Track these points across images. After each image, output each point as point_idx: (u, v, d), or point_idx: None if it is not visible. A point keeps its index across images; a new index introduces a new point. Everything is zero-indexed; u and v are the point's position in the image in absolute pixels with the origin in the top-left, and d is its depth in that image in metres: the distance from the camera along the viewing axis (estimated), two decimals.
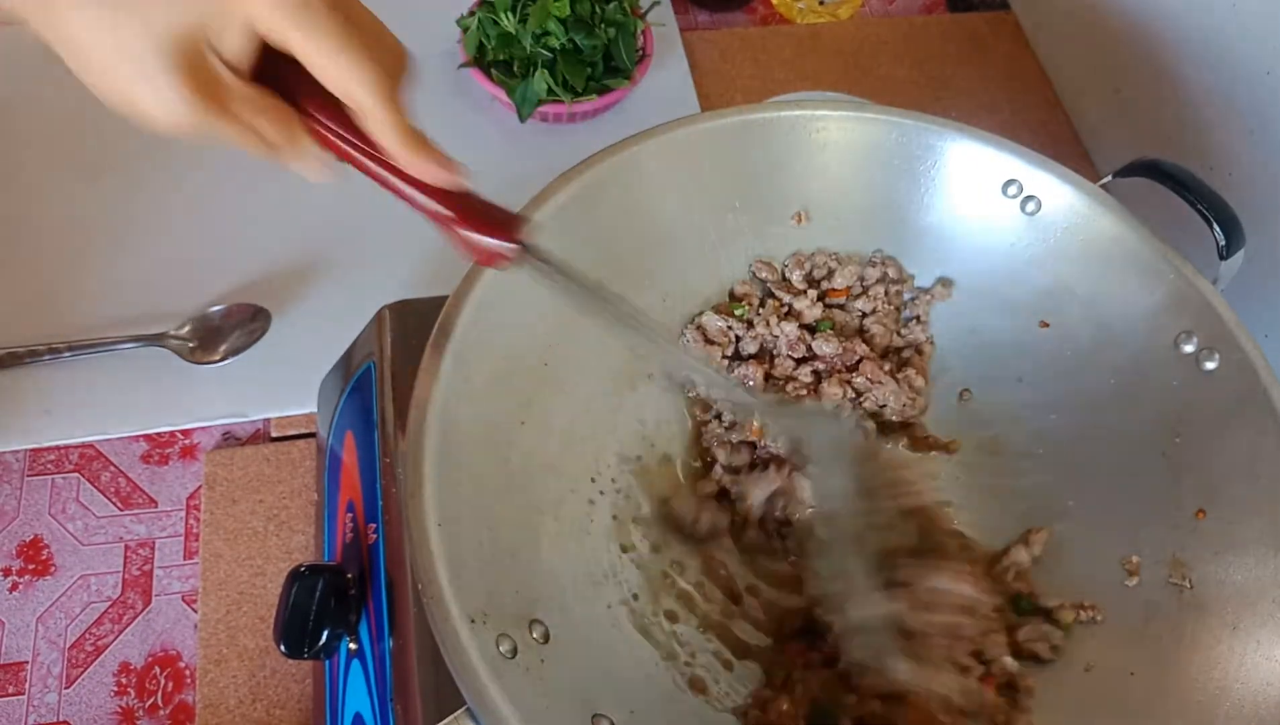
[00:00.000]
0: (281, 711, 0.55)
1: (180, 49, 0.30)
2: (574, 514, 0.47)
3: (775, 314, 0.54)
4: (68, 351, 0.62)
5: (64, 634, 0.57)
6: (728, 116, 0.51)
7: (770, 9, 0.92)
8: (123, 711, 0.56)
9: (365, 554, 0.48)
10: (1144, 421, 0.49)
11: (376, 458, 0.49)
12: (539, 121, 0.76)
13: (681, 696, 0.44)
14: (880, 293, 0.55)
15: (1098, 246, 0.50)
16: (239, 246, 0.70)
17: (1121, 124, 0.79)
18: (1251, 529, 0.44)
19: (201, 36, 0.30)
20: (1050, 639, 0.47)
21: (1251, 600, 0.42)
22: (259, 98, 0.33)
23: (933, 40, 0.89)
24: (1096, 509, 0.50)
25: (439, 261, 0.69)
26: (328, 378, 0.59)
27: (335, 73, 0.32)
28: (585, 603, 0.44)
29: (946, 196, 0.53)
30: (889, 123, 0.52)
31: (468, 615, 0.36)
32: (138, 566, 0.60)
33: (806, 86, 0.84)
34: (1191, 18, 0.70)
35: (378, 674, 0.44)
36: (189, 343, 0.64)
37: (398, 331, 0.52)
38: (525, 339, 0.46)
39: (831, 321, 0.55)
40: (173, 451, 0.64)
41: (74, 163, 0.73)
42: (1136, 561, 0.48)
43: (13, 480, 0.62)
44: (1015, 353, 0.54)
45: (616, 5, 0.74)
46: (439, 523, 0.38)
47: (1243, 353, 0.45)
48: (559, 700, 0.37)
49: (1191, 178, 0.48)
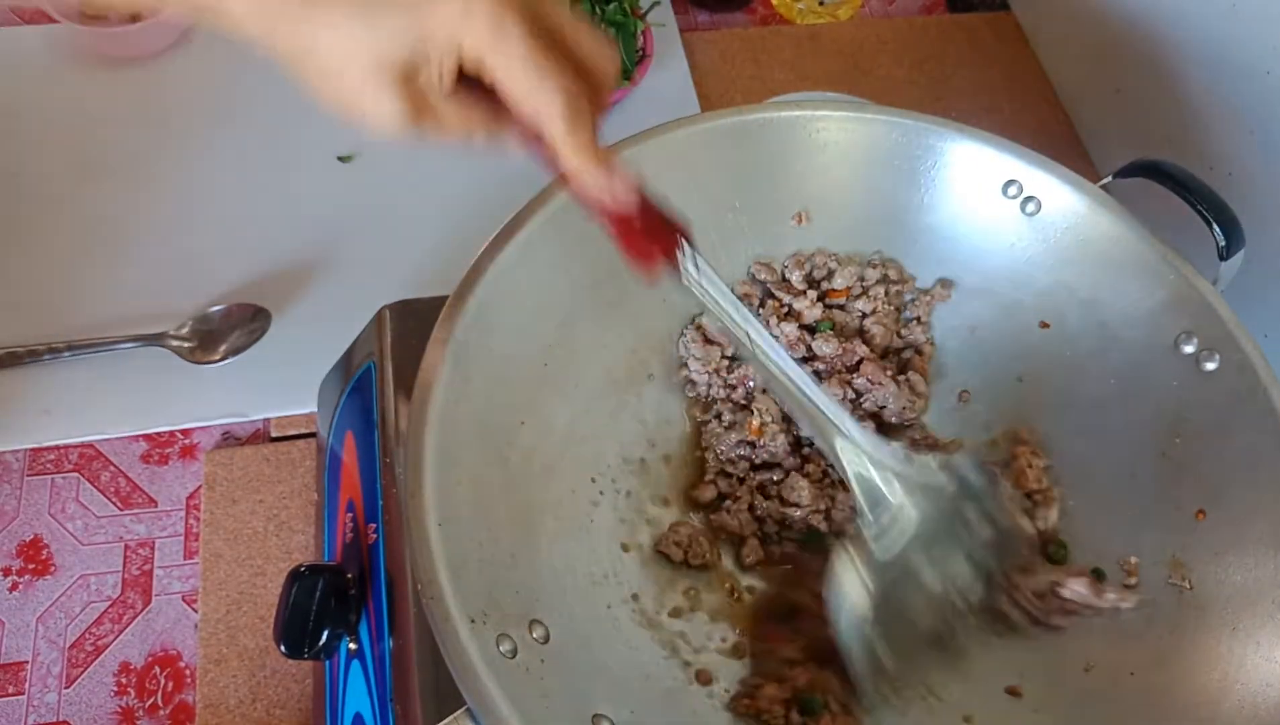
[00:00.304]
0: (281, 711, 0.55)
1: (401, 67, 0.34)
2: (574, 514, 0.47)
3: (775, 315, 0.54)
4: (68, 351, 0.62)
5: (64, 634, 0.57)
6: (727, 117, 0.51)
7: (770, 9, 0.92)
8: (123, 711, 0.56)
9: (365, 554, 0.48)
10: (1144, 422, 0.49)
11: (377, 458, 0.49)
12: None
13: (682, 696, 0.44)
14: (880, 293, 0.55)
15: (1098, 247, 0.50)
16: (239, 246, 0.70)
17: (1121, 124, 0.79)
18: (1252, 530, 0.44)
19: (421, 55, 0.34)
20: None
21: (1251, 601, 0.42)
22: (464, 107, 0.36)
23: (932, 41, 0.89)
24: (1096, 509, 0.50)
25: (439, 261, 0.69)
26: (328, 378, 0.59)
27: (522, 98, 0.35)
28: (585, 603, 0.44)
29: (946, 197, 0.53)
30: (889, 123, 0.52)
31: (468, 615, 0.36)
32: (138, 566, 0.60)
33: (806, 87, 0.84)
34: (1191, 18, 0.70)
35: (378, 674, 0.44)
36: (189, 343, 0.64)
37: (398, 331, 0.52)
38: (525, 339, 0.46)
39: (831, 322, 0.55)
40: (173, 451, 0.64)
41: (74, 163, 0.73)
42: (1135, 562, 0.48)
43: (13, 480, 0.62)
44: (1015, 353, 0.54)
45: (616, 6, 0.74)
46: (439, 523, 0.38)
47: (1243, 353, 0.45)
48: (559, 700, 0.37)
49: (1191, 178, 0.48)
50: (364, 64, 0.34)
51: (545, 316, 0.47)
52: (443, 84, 0.35)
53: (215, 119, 0.76)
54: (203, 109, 0.77)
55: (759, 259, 0.55)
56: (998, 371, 0.55)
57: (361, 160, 0.75)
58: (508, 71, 0.34)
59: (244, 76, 0.79)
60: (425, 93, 0.35)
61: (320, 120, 0.80)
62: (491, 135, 0.38)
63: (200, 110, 0.77)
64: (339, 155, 0.75)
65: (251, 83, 0.78)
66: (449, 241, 0.70)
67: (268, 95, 0.78)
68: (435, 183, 0.73)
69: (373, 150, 0.75)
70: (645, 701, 0.42)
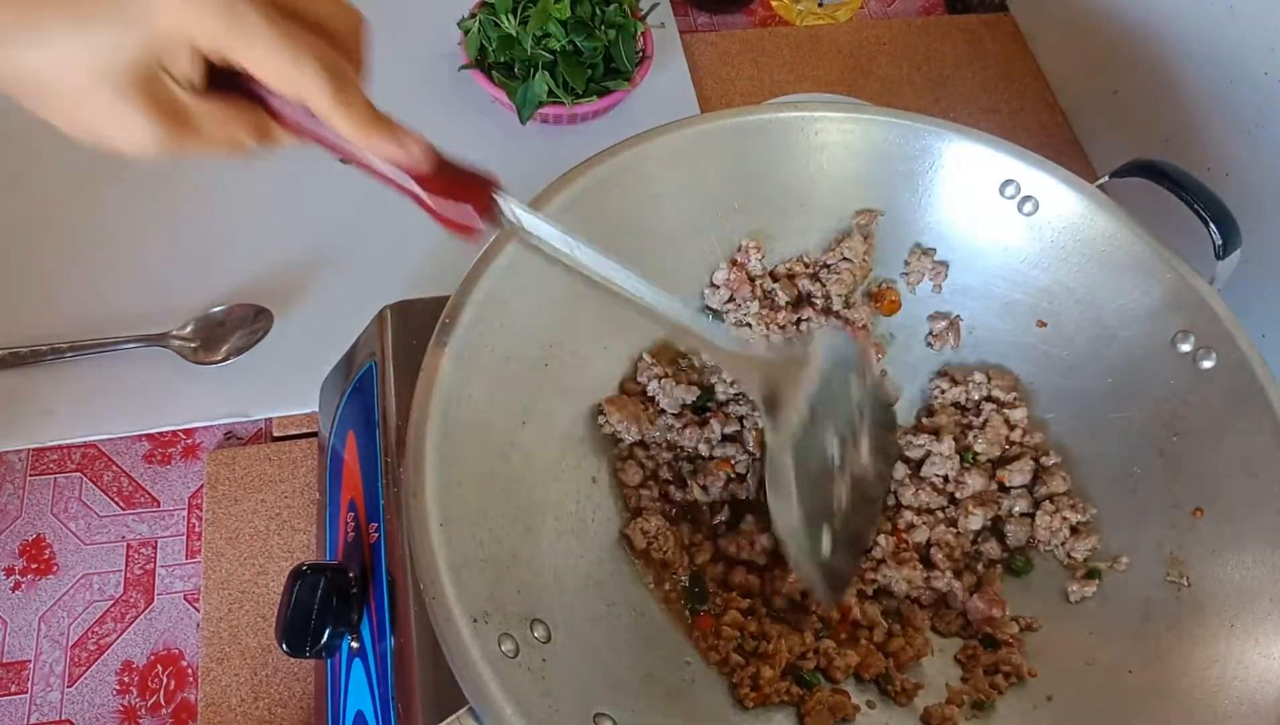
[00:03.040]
0: (283, 710, 0.55)
1: (133, 78, 0.30)
2: (575, 513, 0.47)
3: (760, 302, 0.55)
4: (70, 352, 0.63)
5: (66, 633, 0.58)
6: (727, 118, 0.52)
7: (769, 11, 0.92)
8: (125, 710, 0.56)
9: (367, 553, 0.48)
10: (1141, 420, 0.49)
11: (378, 457, 0.49)
12: (540, 123, 0.77)
13: (684, 695, 0.44)
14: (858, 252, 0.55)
15: (1095, 246, 0.50)
16: (241, 247, 0.70)
17: (1119, 125, 0.79)
18: (1249, 527, 0.44)
19: (153, 62, 0.31)
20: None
21: (1249, 598, 0.43)
22: (222, 109, 0.33)
23: (931, 42, 0.89)
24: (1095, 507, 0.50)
25: (441, 261, 0.69)
26: (329, 378, 0.60)
27: (279, 78, 0.32)
28: (586, 602, 0.44)
29: (944, 197, 0.53)
30: (887, 124, 0.52)
31: (469, 615, 0.36)
32: (140, 565, 0.60)
33: (805, 88, 0.85)
34: (1188, 19, 0.70)
35: (379, 673, 0.44)
36: (191, 343, 0.64)
37: (399, 331, 0.52)
38: (526, 340, 0.47)
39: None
40: (175, 451, 0.64)
41: (77, 163, 0.73)
42: (1126, 563, 0.48)
43: (15, 480, 0.62)
44: (1013, 352, 0.54)
45: (616, 7, 0.74)
46: (441, 523, 0.38)
47: (1240, 352, 0.45)
48: (560, 699, 0.37)
49: (1188, 178, 0.48)
50: (89, 78, 0.30)
51: (545, 317, 0.47)
52: (191, 88, 0.32)
53: None
54: None
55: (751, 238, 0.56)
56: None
57: None
58: (252, 54, 0.31)
59: None
60: (175, 102, 0.32)
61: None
62: (262, 136, 0.35)
63: None
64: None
65: None
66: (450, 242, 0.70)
67: None
68: None
69: None
70: (647, 700, 0.42)
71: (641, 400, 0.52)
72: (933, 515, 0.52)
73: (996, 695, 0.46)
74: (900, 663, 0.47)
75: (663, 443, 0.52)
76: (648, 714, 0.41)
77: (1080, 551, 0.49)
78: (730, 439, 0.52)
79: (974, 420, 0.54)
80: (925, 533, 0.51)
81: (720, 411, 0.53)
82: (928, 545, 0.51)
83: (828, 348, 0.44)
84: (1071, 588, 0.48)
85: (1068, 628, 0.48)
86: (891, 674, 0.46)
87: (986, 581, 0.50)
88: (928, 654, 0.48)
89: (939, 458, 0.52)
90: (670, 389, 0.51)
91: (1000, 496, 0.52)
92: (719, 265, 0.54)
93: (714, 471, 0.51)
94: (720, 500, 0.51)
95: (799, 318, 0.55)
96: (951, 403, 0.55)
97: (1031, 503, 0.51)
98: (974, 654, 0.48)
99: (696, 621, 0.47)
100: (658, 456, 0.51)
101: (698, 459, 0.52)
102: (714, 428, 0.51)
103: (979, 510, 0.51)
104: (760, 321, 0.54)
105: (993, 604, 0.48)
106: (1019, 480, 0.52)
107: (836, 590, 0.45)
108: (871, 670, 0.46)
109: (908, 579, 0.49)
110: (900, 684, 0.46)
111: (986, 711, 0.46)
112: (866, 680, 0.47)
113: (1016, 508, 0.51)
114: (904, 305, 0.56)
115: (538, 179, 0.48)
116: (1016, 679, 0.47)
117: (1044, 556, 0.51)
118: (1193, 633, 0.44)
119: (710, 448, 0.52)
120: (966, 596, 0.49)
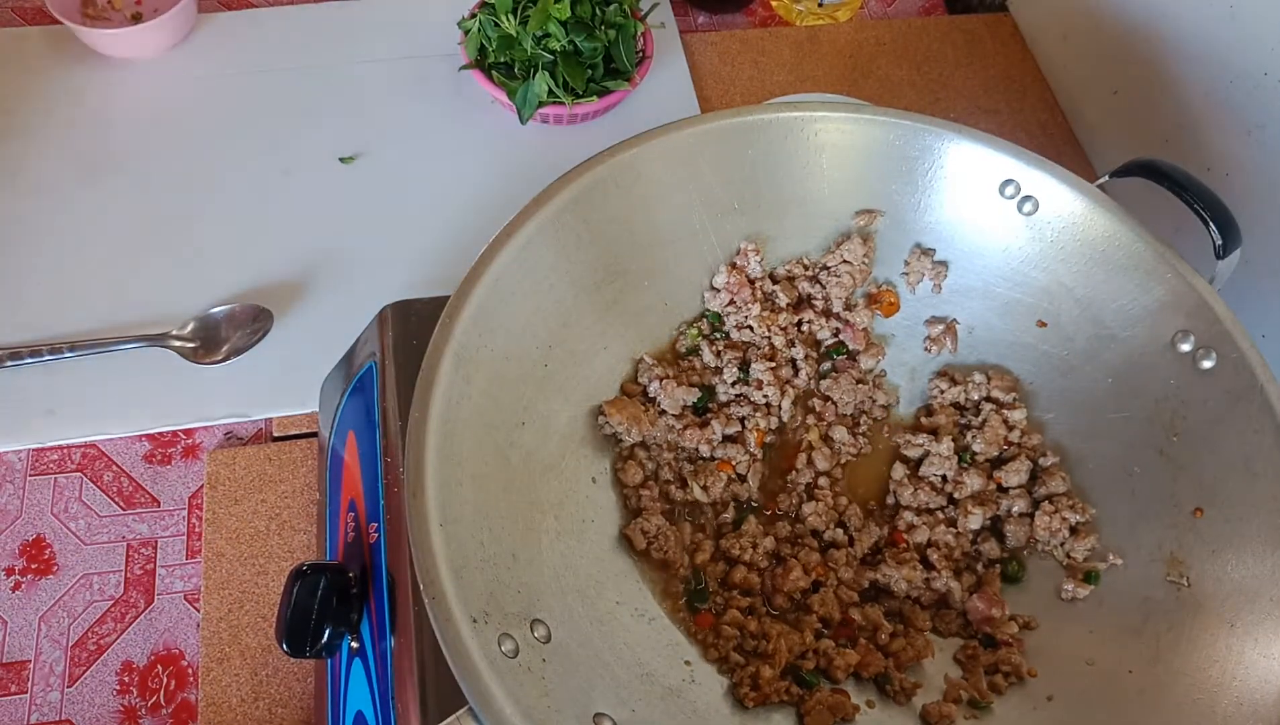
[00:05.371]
0: (283, 710, 0.55)
1: None
2: (575, 514, 0.47)
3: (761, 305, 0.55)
4: (70, 352, 0.63)
5: (66, 633, 0.58)
6: (727, 118, 0.52)
7: (769, 11, 0.92)
8: (125, 710, 0.56)
9: (367, 553, 0.48)
10: (1141, 420, 0.49)
11: (378, 457, 0.49)
12: (540, 123, 0.77)
13: (683, 694, 0.44)
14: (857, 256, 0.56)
15: (1095, 246, 0.50)
16: (241, 248, 0.70)
17: (1119, 125, 0.79)
18: (1249, 527, 0.44)
19: None
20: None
21: (1249, 598, 0.43)
22: None
23: (931, 42, 0.89)
24: (1095, 507, 0.50)
25: (440, 262, 0.69)
26: (329, 378, 0.60)
27: None
28: (586, 602, 0.44)
29: (944, 197, 0.53)
30: (887, 124, 0.52)
31: (469, 615, 0.36)
32: (140, 565, 0.60)
33: (805, 88, 0.85)
34: (1189, 20, 0.70)
35: (379, 673, 0.44)
36: (191, 343, 0.64)
37: (399, 332, 0.52)
38: (526, 340, 0.47)
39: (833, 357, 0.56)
40: (175, 451, 0.64)
41: (77, 164, 0.73)
42: (1126, 563, 0.48)
43: (15, 479, 0.62)
44: (1012, 353, 0.54)
45: (616, 7, 0.74)
46: (441, 523, 0.38)
47: (1239, 351, 0.45)
48: (561, 699, 0.37)
49: (1188, 178, 0.48)
50: None
51: (545, 317, 0.47)
52: None
53: (216, 119, 0.77)
54: (203, 109, 0.77)
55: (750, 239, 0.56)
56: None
57: (363, 161, 0.75)
58: None
59: (245, 77, 0.79)
60: None
61: (322, 121, 0.80)
62: None
63: (201, 110, 0.77)
64: (340, 156, 0.75)
65: (253, 83, 0.79)
66: (449, 242, 0.70)
67: (269, 96, 0.78)
68: (435, 183, 0.74)
69: (374, 152, 0.75)
70: (646, 700, 0.42)
71: (642, 401, 0.52)
72: (932, 515, 0.52)
73: (996, 695, 0.46)
74: (901, 663, 0.47)
75: (663, 443, 0.52)
76: (648, 714, 0.41)
77: (1080, 552, 0.49)
78: (731, 440, 0.52)
79: (973, 420, 0.54)
80: (925, 533, 0.51)
81: (721, 412, 0.53)
82: (927, 545, 0.51)
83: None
84: (1069, 588, 0.49)
85: (1068, 628, 0.48)
86: (891, 674, 0.46)
87: (986, 581, 0.50)
88: (930, 655, 0.48)
89: (937, 458, 0.52)
90: (671, 390, 0.51)
91: (999, 497, 0.52)
92: (719, 267, 0.54)
93: (715, 472, 0.51)
94: (723, 500, 0.51)
95: (800, 320, 0.55)
96: (950, 403, 0.55)
97: (1031, 503, 0.52)
98: (974, 654, 0.48)
99: (696, 620, 0.47)
100: (658, 457, 0.52)
101: (699, 459, 0.52)
102: (715, 429, 0.51)
103: (978, 510, 0.51)
104: (762, 324, 0.54)
105: (992, 604, 0.49)
106: (1015, 481, 0.52)
107: None
108: (871, 670, 0.46)
109: (908, 579, 0.49)
110: (899, 683, 0.46)
111: (986, 711, 0.46)
112: (866, 680, 0.47)
113: (1016, 508, 0.51)
114: (904, 305, 0.56)
115: (538, 179, 0.48)
116: (1016, 679, 0.47)
117: (1043, 557, 0.51)
118: (1192, 633, 0.44)
119: (711, 448, 0.52)
120: (966, 596, 0.49)
